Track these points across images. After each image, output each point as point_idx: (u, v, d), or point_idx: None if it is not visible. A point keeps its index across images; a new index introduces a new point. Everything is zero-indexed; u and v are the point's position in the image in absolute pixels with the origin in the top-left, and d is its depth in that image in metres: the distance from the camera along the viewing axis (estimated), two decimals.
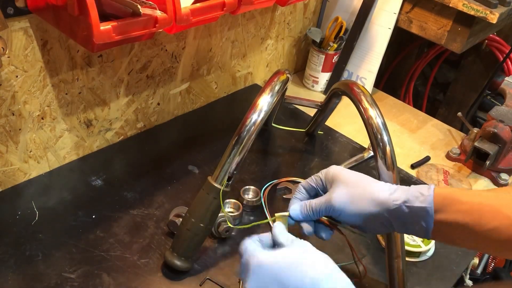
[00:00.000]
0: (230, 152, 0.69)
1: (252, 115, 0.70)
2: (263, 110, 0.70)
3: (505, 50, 1.48)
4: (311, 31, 1.22)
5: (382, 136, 0.69)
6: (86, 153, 0.91)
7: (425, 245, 0.80)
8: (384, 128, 0.70)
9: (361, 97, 0.74)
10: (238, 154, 0.69)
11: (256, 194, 0.86)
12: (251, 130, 0.69)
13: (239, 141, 0.69)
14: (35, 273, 0.68)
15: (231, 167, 0.69)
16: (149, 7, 0.63)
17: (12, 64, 0.70)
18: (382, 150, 0.69)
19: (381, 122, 0.70)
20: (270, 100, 0.72)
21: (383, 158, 0.68)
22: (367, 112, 0.72)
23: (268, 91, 0.73)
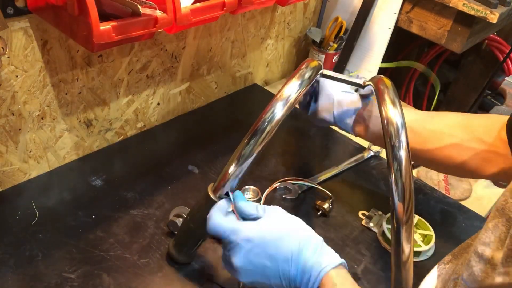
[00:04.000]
0: (237, 161, 0.61)
1: (272, 107, 0.61)
2: (289, 100, 0.61)
3: (505, 50, 1.48)
4: (311, 31, 1.22)
5: (399, 138, 0.61)
6: (86, 153, 0.91)
7: (426, 245, 0.80)
8: (402, 129, 0.61)
9: (384, 95, 0.65)
10: (246, 164, 0.61)
11: (256, 194, 0.86)
12: (268, 128, 0.60)
13: (250, 147, 0.60)
14: (35, 273, 0.68)
15: (235, 181, 0.61)
16: (149, 7, 0.63)
17: (12, 64, 0.70)
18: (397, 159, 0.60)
19: (400, 123, 0.62)
20: (298, 89, 0.62)
21: (398, 170, 0.59)
22: (387, 111, 0.62)
23: (297, 77, 0.63)
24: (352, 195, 0.92)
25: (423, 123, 0.71)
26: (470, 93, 1.61)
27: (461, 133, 0.67)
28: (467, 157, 0.66)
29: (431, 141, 0.69)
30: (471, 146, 0.66)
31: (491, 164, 0.65)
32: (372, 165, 1.00)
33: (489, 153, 0.64)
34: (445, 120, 0.71)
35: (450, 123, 0.70)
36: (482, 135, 0.65)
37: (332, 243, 0.80)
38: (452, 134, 0.68)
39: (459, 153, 0.67)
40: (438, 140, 0.69)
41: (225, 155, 0.96)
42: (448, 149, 0.68)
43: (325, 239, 0.81)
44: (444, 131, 0.69)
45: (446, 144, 0.68)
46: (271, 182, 0.90)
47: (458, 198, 0.97)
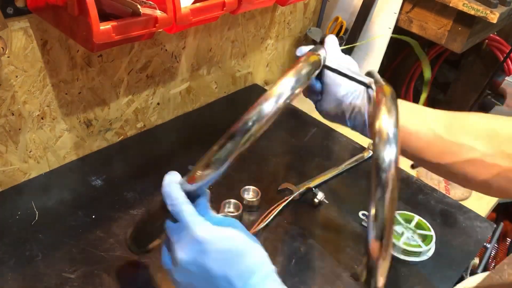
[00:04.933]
0: (206, 166, 0.53)
1: (259, 106, 0.53)
2: (282, 97, 0.53)
3: (506, 50, 1.48)
4: (311, 31, 1.22)
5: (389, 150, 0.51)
6: (86, 153, 0.91)
7: (425, 245, 0.80)
8: (394, 141, 0.52)
9: (381, 98, 0.57)
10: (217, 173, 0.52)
11: (256, 194, 0.86)
12: (252, 129, 0.53)
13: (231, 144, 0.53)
14: (35, 273, 0.68)
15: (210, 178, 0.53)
16: (149, 7, 0.63)
17: (12, 64, 0.70)
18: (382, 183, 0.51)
19: (393, 133, 0.52)
20: (293, 85, 0.54)
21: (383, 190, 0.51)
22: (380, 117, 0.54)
23: (293, 73, 0.56)
24: (352, 195, 0.92)
25: (439, 131, 0.61)
26: (470, 93, 1.61)
27: (483, 146, 0.56)
28: (489, 176, 0.56)
29: (448, 154, 0.59)
30: (494, 162, 0.55)
31: None
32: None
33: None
34: (467, 128, 0.60)
35: (472, 131, 0.59)
36: (510, 149, 0.55)
37: (332, 243, 0.80)
38: (473, 147, 0.57)
39: (478, 170, 0.57)
40: (456, 153, 0.58)
41: None
42: (466, 164, 0.58)
43: (325, 239, 0.81)
44: (463, 142, 0.58)
45: (464, 159, 0.58)
46: (271, 182, 0.90)
47: (458, 198, 0.97)
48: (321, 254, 0.79)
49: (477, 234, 0.86)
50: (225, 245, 0.49)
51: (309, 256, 0.78)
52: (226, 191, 0.87)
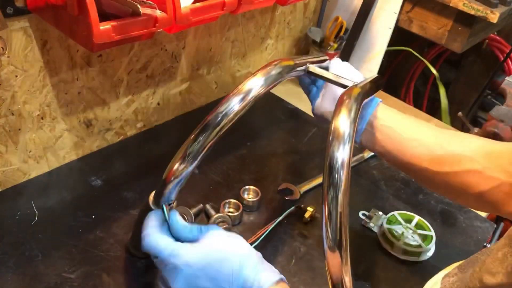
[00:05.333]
0: (183, 160, 0.56)
1: (228, 102, 0.54)
2: (247, 96, 0.55)
3: (506, 50, 1.48)
4: (311, 30, 1.22)
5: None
6: (86, 153, 0.91)
7: (426, 245, 0.80)
8: (348, 141, 0.51)
9: (344, 99, 0.56)
10: (193, 165, 0.55)
11: (256, 194, 0.86)
12: (222, 123, 0.54)
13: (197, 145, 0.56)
14: (35, 273, 0.68)
15: (179, 184, 0.57)
16: (149, 7, 0.63)
17: (11, 64, 0.70)
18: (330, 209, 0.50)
19: (348, 133, 0.51)
20: (262, 83, 0.56)
21: (330, 222, 0.50)
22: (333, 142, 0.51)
23: (261, 74, 0.57)
24: (352, 195, 0.91)
25: (440, 141, 0.62)
26: (470, 93, 1.61)
27: (483, 159, 0.58)
28: (487, 188, 0.57)
29: (449, 163, 0.60)
30: (494, 175, 0.57)
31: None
32: (372, 165, 1.00)
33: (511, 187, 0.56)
34: (466, 142, 0.62)
35: (471, 146, 0.60)
36: (507, 165, 0.57)
37: None
38: (473, 159, 0.58)
39: (478, 181, 0.58)
40: (457, 163, 0.59)
41: (225, 155, 0.96)
42: (466, 175, 0.59)
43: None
44: (464, 153, 0.59)
45: (465, 169, 0.59)
46: (271, 182, 0.90)
47: None
48: (321, 254, 0.78)
49: (477, 234, 0.86)
50: (206, 260, 0.53)
51: (309, 256, 0.78)
52: (226, 191, 0.87)
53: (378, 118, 0.65)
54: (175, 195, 0.59)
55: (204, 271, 0.53)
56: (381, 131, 0.64)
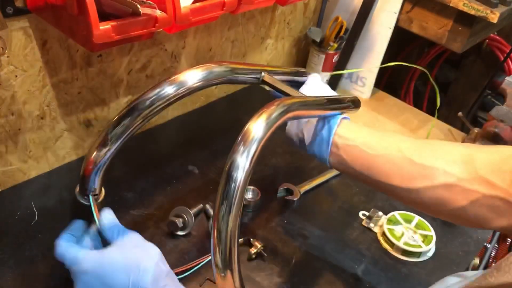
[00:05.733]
0: (103, 144, 0.54)
1: (161, 86, 0.52)
2: (182, 86, 0.53)
3: (506, 50, 1.48)
4: (311, 30, 1.22)
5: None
6: (86, 153, 0.90)
7: (426, 245, 0.80)
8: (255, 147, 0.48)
9: (271, 104, 0.52)
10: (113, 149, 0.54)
11: (256, 194, 0.86)
12: (150, 108, 0.52)
13: None
14: (35, 273, 0.68)
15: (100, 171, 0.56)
16: (148, 7, 0.63)
17: (11, 64, 0.70)
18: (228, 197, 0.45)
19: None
20: (197, 77, 0.54)
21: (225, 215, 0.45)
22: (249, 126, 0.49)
23: (200, 68, 0.55)
24: (352, 195, 0.92)
25: (409, 154, 0.56)
26: (470, 93, 1.61)
27: (459, 170, 0.52)
28: (465, 203, 0.51)
29: (419, 178, 0.54)
30: (471, 188, 0.50)
31: (500, 216, 0.49)
32: None
33: (498, 201, 0.49)
34: (440, 152, 0.55)
35: (446, 156, 0.54)
36: (489, 175, 0.49)
37: (332, 243, 0.80)
38: (446, 171, 0.52)
39: (453, 196, 0.52)
40: (429, 177, 0.53)
41: (225, 155, 0.96)
42: (441, 190, 0.53)
43: (325, 239, 0.81)
44: (437, 166, 0.53)
45: (438, 184, 0.53)
46: (271, 182, 0.90)
47: None
48: (321, 254, 0.78)
49: (477, 234, 0.86)
50: (101, 269, 0.52)
51: (309, 256, 0.78)
52: None
53: (342, 137, 0.61)
54: (98, 184, 0.57)
55: (100, 280, 0.52)
56: (347, 151, 0.60)
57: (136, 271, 0.51)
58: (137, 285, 0.51)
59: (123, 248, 0.54)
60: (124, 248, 0.54)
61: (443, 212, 0.54)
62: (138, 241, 0.55)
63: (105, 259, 0.52)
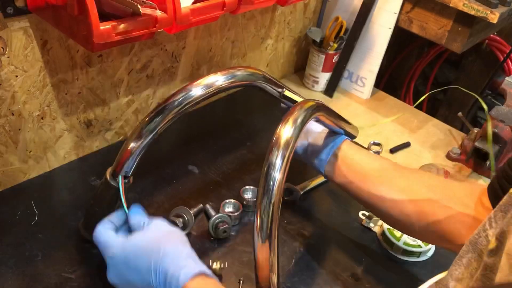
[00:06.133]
0: (139, 137, 0.61)
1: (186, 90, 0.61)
2: (207, 89, 0.61)
3: (506, 50, 1.48)
4: (311, 30, 1.22)
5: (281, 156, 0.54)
6: (86, 153, 0.91)
7: (425, 245, 0.80)
8: (290, 150, 0.55)
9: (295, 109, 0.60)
10: (146, 142, 0.61)
11: (256, 194, 0.86)
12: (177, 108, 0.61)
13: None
14: (35, 273, 0.68)
15: (133, 160, 0.63)
16: (149, 7, 0.63)
17: (12, 64, 0.70)
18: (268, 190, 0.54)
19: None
20: (221, 79, 0.62)
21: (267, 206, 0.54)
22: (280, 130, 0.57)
23: (222, 73, 0.63)
24: None
25: (400, 173, 0.66)
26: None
27: (440, 191, 0.61)
28: (443, 217, 0.59)
29: (406, 192, 0.63)
30: (449, 205, 0.58)
31: (470, 231, 0.53)
32: None
33: (469, 218, 0.57)
34: (424, 176, 0.67)
35: (428, 180, 0.65)
36: (463, 196, 0.59)
37: (332, 243, 0.80)
38: (430, 189, 0.62)
39: (434, 210, 0.59)
40: (414, 192, 0.62)
41: (225, 155, 0.96)
42: (423, 203, 0.61)
43: (325, 239, 0.81)
44: (423, 183, 0.63)
45: (422, 198, 0.61)
46: None
47: None
48: (321, 254, 0.79)
49: None
50: (125, 253, 0.57)
51: (309, 256, 0.78)
52: (226, 191, 0.87)
53: (342, 150, 0.69)
54: (131, 171, 0.64)
55: (126, 264, 0.56)
56: (345, 162, 0.68)
57: (157, 254, 0.55)
58: (158, 267, 0.54)
59: (146, 233, 0.59)
60: (148, 234, 0.58)
61: (419, 224, 0.61)
62: (161, 227, 0.60)
63: (130, 245, 0.57)
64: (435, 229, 0.60)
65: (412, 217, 0.62)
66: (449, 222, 0.58)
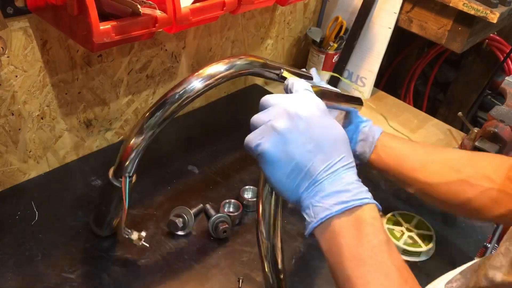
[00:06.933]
0: (140, 133, 0.59)
1: (186, 83, 0.57)
2: (206, 79, 0.58)
3: (506, 50, 1.48)
4: (311, 30, 1.22)
5: None
6: (85, 153, 0.91)
7: (426, 245, 0.80)
8: None
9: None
10: (148, 138, 0.59)
11: (256, 194, 0.86)
12: (179, 102, 0.57)
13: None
14: (35, 273, 0.68)
15: (136, 158, 0.61)
16: (148, 7, 0.63)
17: (11, 64, 0.70)
18: None
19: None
20: (221, 71, 0.59)
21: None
22: None
23: (225, 62, 0.60)
24: None
25: (432, 156, 0.71)
26: (470, 93, 1.61)
27: (468, 169, 0.66)
28: (473, 195, 0.64)
29: (439, 174, 0.68)
30: (478, 183, 0.64)
31: (498, 205, 0.62)
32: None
33: (497, 193, 0.62)
34: (452, 155, 0.71)
35: (457, 158, 0.69)
36: (490, 173, 0.64)
37: None
38: (459, 170, 0.66)
39: (465, 189, 0.65)
40: (446, 174, 0.67)
41: (225, 155, 0.96)
42: (455, 185, 0.66)
43: None
44: (451, 165, 0.68)
45: (453, 180, 0.66)
46: None
47: None
48: (321, 254, 0.78)
49: (477, 234, 0.86)
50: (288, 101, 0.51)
51: (309, 256, 0.78)
52: (226, 191, 0.87)
53: (381, 141, 0.74)
54: (134, 169, 0.62)
55: (309, 131, 0.48)
56: (384, 151, 0.73)
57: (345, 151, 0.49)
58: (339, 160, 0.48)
59: (303, 94, 0.53)
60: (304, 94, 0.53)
61: (456, 204, 0.67)
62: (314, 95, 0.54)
63: (291, 96, 0.52)
64: (467, 206, 0.65)
65: (446, 197, 0.67)
66: (479, 199, 0.63)
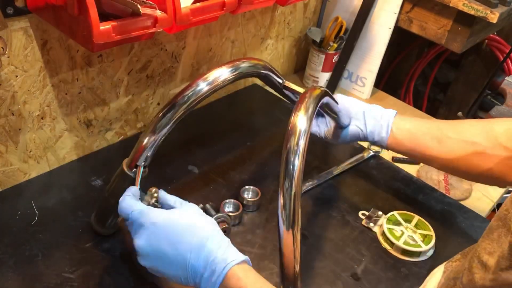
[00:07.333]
0: (153, 132, 0.65)
1: (196, 85, 0.64)
2: (212, 83, 0.65)
3: (506, 50, 1.48)
4: (311, 30, 1.22)
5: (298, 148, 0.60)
6: (86, 153, 0.91)
7: (426, 245, 0.80)
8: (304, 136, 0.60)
9: (304, 98, 0.64)
10: (160, 135, 0.65)
11: (256, 194, 0.86)
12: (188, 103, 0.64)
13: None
14: (35, 273, 0.68)
15: (149, 152, 0.66)
16: (149, 7, 0.63)
17: (11, 64, 0.70)
18: (289, 174, 0.58)
19: (304, 129, 0.60)
20: (226, 73, 0.67)
21: (289, 188, 0.58)
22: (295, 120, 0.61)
23: (230, 65, 0.68)
24: (352, 195, 0.92)
25: (446, 132, 0.73)
26: (470, 93, 1.61)
27: (484, 141, 0.69)
28: (492, 165, 0.68)
29: (456, 150, 0.72)
30: (495, 153, 0.68)
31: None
32: (372, 165, 1.00)
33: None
34: (467, 127, 0.73)
35: (472, 130, 0.72)
36: (505, 142, 0.67)
37: (332, 243, 0.80)
38: (476, 142, 0.70)
39: (483, 161, 0.69)
40: (463, 149, 0.71)
41: (225, 155, 0.96)
42: (472, 157, 0.70)
43: (325, 239, 0.81)
44: (467, 139, 0.71)
45: (470, 153, 0.70)
46: (271, 182, 0.90)
47: (458, 198, 0.97)
48: (321, 254, 0.79)
49: (477, 234, 0.86)
50: (172, 224, 0.57)
51: (309, 256, 0.78)
52: (226, 191, 0.87)
53: (396, 124, 0.78)
54: (148, 162, 0.67)
55: (166, 234, 0.56)
56: (401, 134, 0.77)
57: (203, 234, 0.56)
58: (202, 246, 0.55)
59: (189, 211, 0.60)
60: (191, 212, 0.59)
61: (477, 175, 0.72)
62: (199, 210, 0.61)
63: (176, 217, 0.57)
64: (486, 175, 0.70)
65: (466, 169, 0.72)
66: (497, 168, 0.68)
